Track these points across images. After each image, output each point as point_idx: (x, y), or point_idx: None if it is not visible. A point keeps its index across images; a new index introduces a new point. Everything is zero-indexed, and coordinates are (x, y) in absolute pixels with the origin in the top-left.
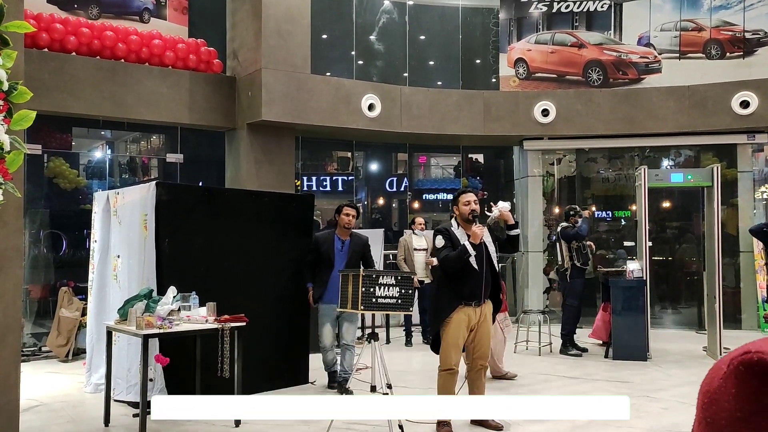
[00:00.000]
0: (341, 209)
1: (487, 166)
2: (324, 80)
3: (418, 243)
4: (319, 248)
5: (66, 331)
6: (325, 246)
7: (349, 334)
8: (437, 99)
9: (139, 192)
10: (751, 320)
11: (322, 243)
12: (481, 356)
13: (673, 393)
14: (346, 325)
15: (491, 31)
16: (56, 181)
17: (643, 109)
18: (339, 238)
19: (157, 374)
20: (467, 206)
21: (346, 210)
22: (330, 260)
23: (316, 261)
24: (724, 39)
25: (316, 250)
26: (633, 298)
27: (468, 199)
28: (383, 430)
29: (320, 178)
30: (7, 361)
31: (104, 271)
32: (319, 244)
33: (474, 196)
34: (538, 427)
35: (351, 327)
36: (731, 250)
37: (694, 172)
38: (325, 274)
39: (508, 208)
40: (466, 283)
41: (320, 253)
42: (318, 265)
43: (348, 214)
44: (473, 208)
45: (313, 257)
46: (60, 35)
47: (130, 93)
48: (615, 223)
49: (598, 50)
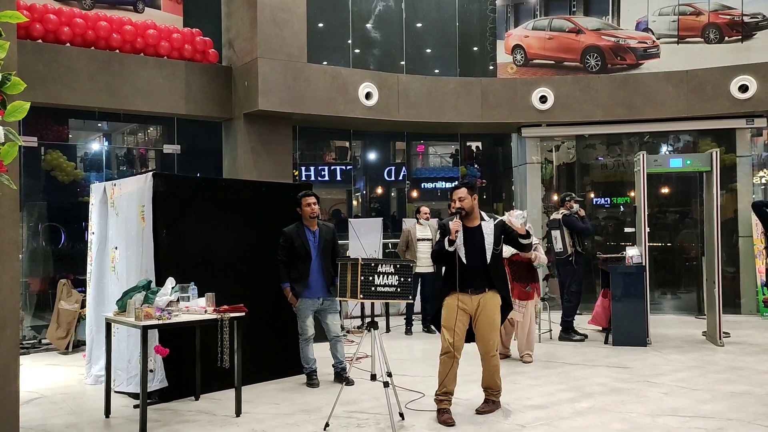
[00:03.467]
0: (300, 201)
1: (485, 154)
2: (321, 69)
3: (422, 233)
4: (292, 243)
5: (65, 323)
6: (298, 240)
7: (334, 326)
8: (435, 87)
9: (136, 183)
10: (751, 305)
11: (295, 237)
12: (483, 346)
13: (672, 378)
14: (330, 317)
15: (488, 17)
16: (54, 173)
17: (641, 94)
18: (309, 229)
19: (157, 365)
20: (453, 204)
21: (306, 200)
22: (307, 252)
23: (289, 257)
24: (722, 23)
25: (289, 246)
26: (632, 284)
27: (454, 197)
28: (384, 419)
29: (318, 167)
30: (6, 354)
31: (102, 263)
32: (292, 239)
33: (462, 193)
34: (539, 413)
35: (334, 318)
36: (730, 234)
37: (693, 158)
38: (303, 268)
39: (518, 221)
40: (453, 272)
41: (294, 248)
42: (293, 261)
43: (309, 204)
44: (455, 206)
45: (287, 255)
46: (54, 26)
47: (125, 84)
48: (614, 210)
49: (596, 36)
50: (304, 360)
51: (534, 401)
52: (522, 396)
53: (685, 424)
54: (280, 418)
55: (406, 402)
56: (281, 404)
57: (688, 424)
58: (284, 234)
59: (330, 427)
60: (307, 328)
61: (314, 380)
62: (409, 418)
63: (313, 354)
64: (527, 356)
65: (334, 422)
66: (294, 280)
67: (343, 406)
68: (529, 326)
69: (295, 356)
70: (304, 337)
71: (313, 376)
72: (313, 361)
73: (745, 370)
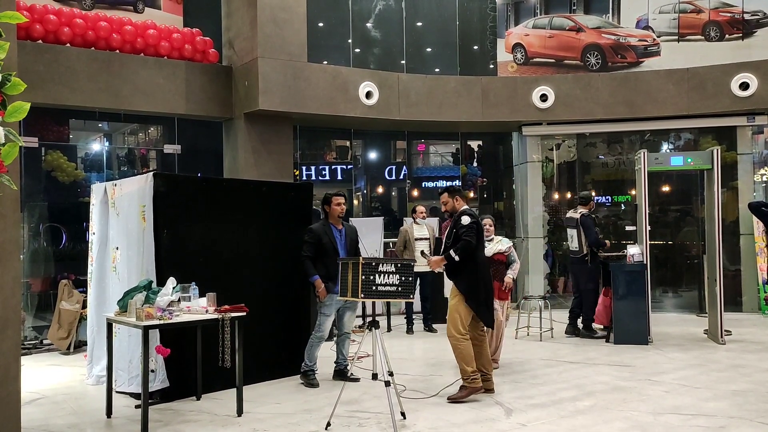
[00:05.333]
0: (330, 200)
1: (485, 153)
2: (321, 68)
3: (419, 232)
4: (320, 240)
5: (67, 323)
6: (326, 237)
7: (350, 323)
8: (435, 86)
9: (136, 183)
10: (752, 303)
11: (322, 234)
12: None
13: (674, 376)
14: (349, 314)
15: (489, 16)
16: (54, 174)
17: (642, 92)
18: (335, 227)
19: (159, 365)
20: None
21: (336, 200)
22: (335, 250)
23: (316, 254)
24: (723, 20)
25: (316, 243)
26: (634, 282)
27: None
28: (385, 418)
29: (319, 167)
30: (8, 354)
31: (103, 263)
32: (320, 236)
33: (444, 197)
34: (540, 412)
35: (352, 316)
36: (731, 232)
37: (694, 155)
38: (332, 265)
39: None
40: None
41: (322, 244)
42: (320, 258)
43: (339, 203)
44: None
45: (313, 251)
46: (54, 26)
47: (126, 84)
48: (615, 208)
49: (596, 34)
50: (309, 357)
51: (535, 400)
52: (523, 395)
53: (686, 422)
54: (281, 417)
55: (407, 401)
56: (283, 404)
57: (690, 422)
58: (311, 231)
59: (332, 426)
60: (325, 326)
61: (314, 379)
62: (410, 417)
63: (318, 354)
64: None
65: (336, 421)
66: (322, 277)
67: (344, 405)
68: (502, 329)
69: (296, 356)
70: (318, 335)
71: (312, 375)
72: (316, 361)
73: (746, 368)
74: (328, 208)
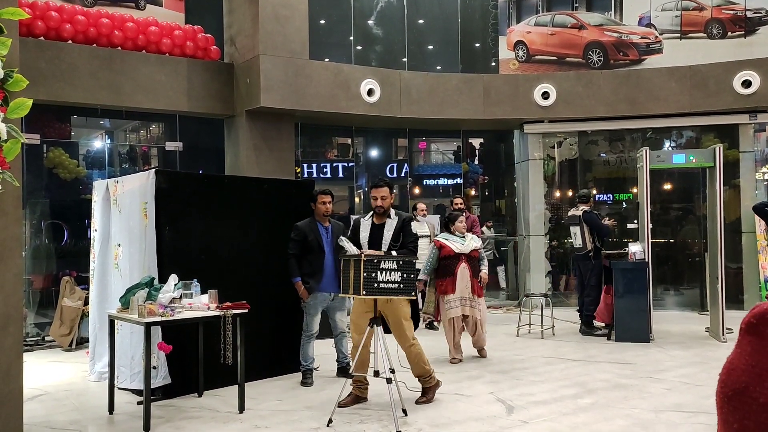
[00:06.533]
0: (316, 198)
1: (487, 151)
2: (322, 66)
3: (420, 230)
4: (305, 237)
5: (69, 320)
6: (312, 234)
7: (341, 322)
8: (437, 83)
9: (138, 180)
10: (754, 300)
11: (308, 232)
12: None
13: (676, 374)
14: (338, 314)
15: (490, 13)
16: (56, 171)
17: (644, 90)
18: (321, 224)
19: (161, 362)
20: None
21: (321, 198)
22: (321, 247)
23: (301, 252)
24: (725, 18)
25: (302, 240)
26: (635, 280)
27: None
28: (387, 415)
29: (320, 164)
30: (10, 351)
31: (105, 260)
32: (305, 234)
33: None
34: (541, 409)
35: (343, 314)
36: (733, 230)
37: (696, 153)
38: (316, 263)
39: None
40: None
41: (308, 242)
42: (305, 256)
43: (325, 202)
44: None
45: (299, 249)
46: (55, 23)
47: (127, 81)
48: (617, 206)
49: (598, 31)
50: (303, 357)
51: (537, 397)
52: (525, 392)
53: (688, 419)
54: (283, 414)
55: (408, 398)
56: (284, 400)
57: (692, 419)
58: (297, 228)
59: (333, 423)
60: (313, 325)
61: (309, 379)
62: (411, 414)
63: (313, 352)
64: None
65: (337, 418)
66: (307, 274)
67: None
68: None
69: (297, 353)
70: (308, 334)
71: (308, 375)
72: (311, 360)
73: None
74: (314, 206)
